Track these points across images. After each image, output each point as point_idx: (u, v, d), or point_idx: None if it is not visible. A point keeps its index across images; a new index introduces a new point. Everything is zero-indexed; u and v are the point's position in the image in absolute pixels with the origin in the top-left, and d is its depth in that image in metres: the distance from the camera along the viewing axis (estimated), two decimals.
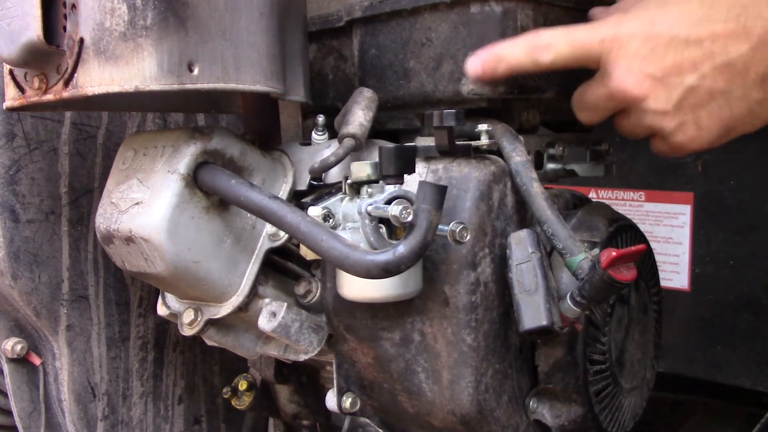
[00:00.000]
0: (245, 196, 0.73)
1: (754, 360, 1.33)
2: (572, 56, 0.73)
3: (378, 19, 0.87)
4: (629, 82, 0.71)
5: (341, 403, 0.87)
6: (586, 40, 0.73)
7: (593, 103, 0.77)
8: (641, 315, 0.93)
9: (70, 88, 0.68)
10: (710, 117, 0.70)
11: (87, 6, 0.67)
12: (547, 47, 0.74)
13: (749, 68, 0.66)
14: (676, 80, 0.69)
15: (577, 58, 0.73)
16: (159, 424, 1.11)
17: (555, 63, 0.74)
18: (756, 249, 1.32)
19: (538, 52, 0.74)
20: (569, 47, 0.73)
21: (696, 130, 0.71)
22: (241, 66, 0.73)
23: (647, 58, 0.69)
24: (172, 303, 0.88)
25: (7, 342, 0.97)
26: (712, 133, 0.71)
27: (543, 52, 0.74)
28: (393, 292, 0.73)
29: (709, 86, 0.68)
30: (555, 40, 0.74)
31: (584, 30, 0.74)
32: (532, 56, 0.74)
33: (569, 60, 0.74)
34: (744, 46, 0.65)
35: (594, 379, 0.83)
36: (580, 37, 0.73)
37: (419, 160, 0.81)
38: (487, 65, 0.76)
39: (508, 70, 0.76)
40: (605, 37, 0.72)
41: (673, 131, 0.72)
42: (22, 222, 0.91)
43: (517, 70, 0.76)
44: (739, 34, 0.65)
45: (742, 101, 0.67)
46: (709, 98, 0.68)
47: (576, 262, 0.72)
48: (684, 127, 0.71)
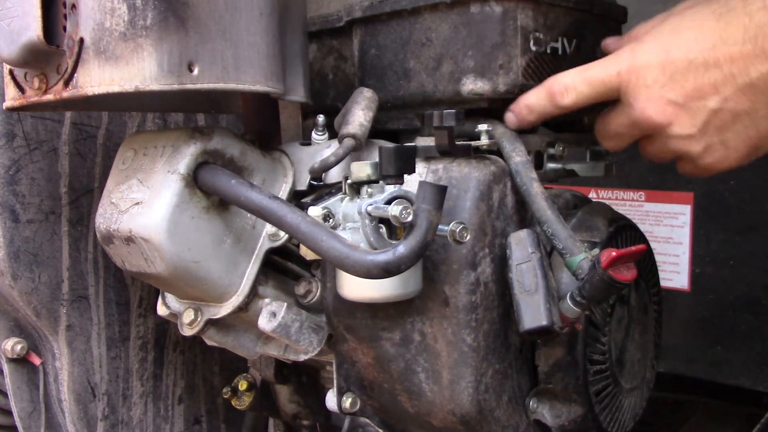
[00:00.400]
0: (245, 196, 0.73)
1: (754, 360, 1.33)
2: (592, 94, 0.75)
3: (378, 19, 0.87)
4: (652, 110, 0.71)
5: (341, 403, 0.87)
6: (604, 76, 0.74)
7: (618, 132, 0.78)
8: (641, 315, 0.93)
9: (70, 88, 0.68)
10: (737, 137, 0.70)
11: (87, 6, 0.67)
12: (566, 90, 0.76)
13: None
14: (699, 104, 0.69)
15: (597, 95, 0.75)
16: (159, 424, 1.11)
17: (577, 103, 0.76)
18: (756, 249, 1.32)
19: (558, 97, 0.76)
20: (588, 87, 0.75)
21: (724, 151, 0.72)
22: (241, 66, 0.73)
23: (667, 86, 0.70)
24: (172, 303, 0.87)
25: (7, 342, 0.97)
26: (741, 152, 0.71)
27: (563, 96, 0.76)
28: (393, 292, 0.73)
29: (733, 108, 0.68)
30: (573, 82, 0.76)
31: (600, 66, 0.75)
32: (553, 102, 0.77)
33: (590, 98, 0.76)
34: (763, 65, 0.65)
35: (594, 379, 0.83)
36: (597, 75, 0.75)
37: (419, 160, 0.81)
38: (520, 116, 0.79)
39: (538, 118, 0.79)
40: (621, 70, 0.73)
41: (701, 154, 0.73)
42: (22, 222, 0.91)
43: (545, 117, 0.79)
44: (758, 54, 0.65)
45: (767, 119, 0.68)
46: (734, 119, 0.69)
47: (576, 262, 0.72)
48: (711, 149, 0.72)
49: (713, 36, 0.68)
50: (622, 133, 0.78)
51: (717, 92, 0.68)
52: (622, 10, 0.97)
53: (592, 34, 0.91)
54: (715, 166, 0.74)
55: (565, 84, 0.76)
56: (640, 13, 1.36)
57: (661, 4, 1.36)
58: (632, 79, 0.72)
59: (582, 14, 0.88)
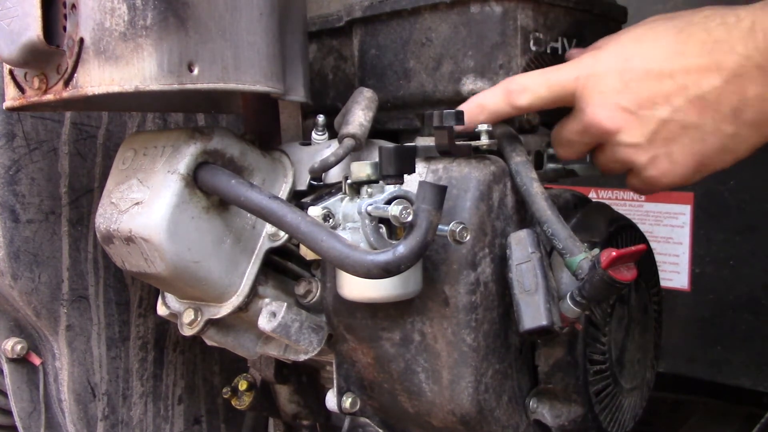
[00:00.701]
0: (245, 196, 0.73)
1: (754, 360, 1.34)
2: (549, 97, 0.74)
3: (378, 19, 0.87)
4: (602, 115, 0.71)
5: (341, 403, 0.87)
6: (562, 80, 0.74)
7: (569, 138, 0.78)
8: (641, 315, 0.93)
9: (70, 88, 0.68)
10: (683, 151, 0.69)
11: (87, 6, 0.67)
12: (523, 90, 0.75)
13: (721, 101, 0.65)
14: (649, 113, 0.69)
15: (554, 98, 0.74)
16: (159, 424, 1.11)
17: (533, 105, 0.75)
18: (756, 249, 1.32)
19: (514, 96, 0.75)
20: (545, 89, 0.74)
21: (669, 165, 0.71)
22: (241, 66, 0.73)
23: (621, 92, 0.70)
24: (172, 303, 0.88)
25: (7, 342, 0.97)
26: (686, 167, 0.70)
27: (520, 96, 0.75)
28: (393, 292, 0.73)
29: (682, 119, 0.67)
30: (530, 83, 0.75)
31: (559, 70, 0.75)
32: (509, 101, 0.75)
33: (547, 101, 0.75)
34: (716, 79, 0.65)
35: (594, 379, 0.84)
36: (555, 78, 0.74)
37: (419, 160, 0.81)
38: (470, 114, 0.77)
39: (490, 117, 0.77)
40: (580, 75, 0.72)
41: (646, 165, 0.72)
42: (22, 222, 0.91)
43: (498, 116, 0.77)
44: (712, 68, 0.65)
45: (715, 135, 0.67)
46: (681, 132, 0.68)
47: (576, 262, 0.72)
48: (657, 161, 0.71)
49: (672, 48, 0.68)
50: (573, 140, 0.77)
51: (668, 102, 0.68)
52: (622, 10, 0.98)
53: (592, 34, 0.91)
54: (659, 180, 0.73)
55: (523, 84, 0.75)
56: (640, 12, 1.36)
57: (661, 4, 1.36)
58: (588, 84, 0.71)
59: (582, 14, 0.88)
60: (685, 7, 1.19)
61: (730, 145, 0.67)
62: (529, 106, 0.75)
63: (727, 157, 0.68)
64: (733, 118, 0.65)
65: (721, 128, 0.66)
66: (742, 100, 0.64)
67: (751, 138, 0.66)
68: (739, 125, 0.66)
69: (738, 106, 0.65)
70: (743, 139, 0.66)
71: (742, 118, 0.65)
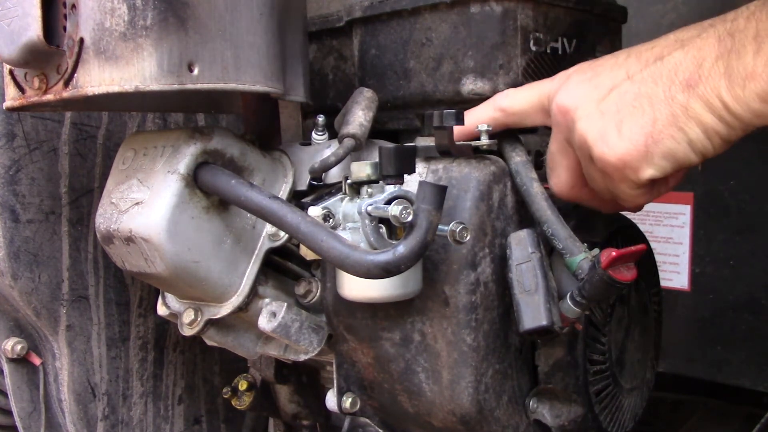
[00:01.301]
0: (245, 196, 0.73)
1: (754, 360, 1.34)
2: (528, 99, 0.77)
3: (378, 19, 0.87)
4: (564, 96, 0.72)
5: (341, 403, 0.87)
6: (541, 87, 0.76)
7: (551, 156, 0.78)
8: (641, 315, 0.93)
9: (70, 88, 0.68)
10: (633, 121, 0.66)
11: (87, 6, 0.67)
12: (506, 95, 0.78)
13: (678, 70, 0.64)
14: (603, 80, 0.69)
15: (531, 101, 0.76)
16: (159, 424, 1.11)
17: (513, 105, 0.77)
18: (756, 249, 1.32)
19: (499, 99, 0.78)
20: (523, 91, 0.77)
21: (617, 139, 0.67)
22: (241, 66, 0.73)
23: (586, 81, 0.71)
24: (172, 303, 0.88)
25: (7, 342, 0.97)
26: (634, 141, 0.66)
27: (503, 99, 0.78)
28: (393, 292, 0.73)
29: (637, 90, 0.66)
30: (514, 89, 0.79)
31: (537, 83, 0.77)
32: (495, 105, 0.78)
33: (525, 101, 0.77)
34: (678, 52, 0.64)
35: (594, 379, 0.84)
36: (534, 86, 0.77)
37: (419, 160, 0.81)
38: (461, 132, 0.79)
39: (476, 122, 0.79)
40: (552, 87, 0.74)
41: (596, 139, 0.68)
42: (22, 222, 0.91)
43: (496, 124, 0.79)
44: (675, 46, 0.65)
45: (666, 104, 0.64)
46: (634, 100, 0.66)
47: (576, 262, 0.72)
48: (605, 133, 0.67)
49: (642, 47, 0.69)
50: (554, 156, 0.77)
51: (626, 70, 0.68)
52: (622, 10, 0.98)
53: (592, 34, 0.91)
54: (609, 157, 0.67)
55: (506, 92, 0.79)
56: (640, 12, 1.36)
57: (661, 4, 1.36)
58: (559, 86, 0.73)
59: (582, 14, 0.88)
60: (685, 7, 1.19)
61: (681, 120, 0.64)
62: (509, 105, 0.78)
63: (678, 134, 0.64)
64: (687, 88, 0.63)
65: (674, 96, 0.64)
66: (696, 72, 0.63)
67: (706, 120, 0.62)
68: (691, 97, 0.63)
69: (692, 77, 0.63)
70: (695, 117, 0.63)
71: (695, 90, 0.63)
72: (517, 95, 0.78)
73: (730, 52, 0.61)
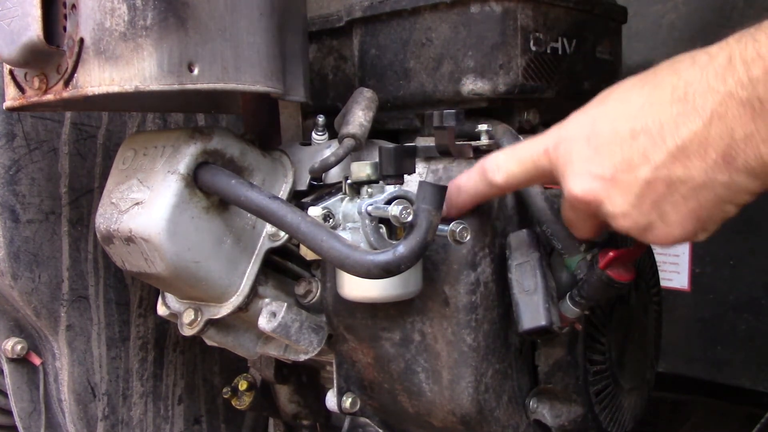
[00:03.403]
0: (245, 196, 0.73)
1: (754, 360, 1.33)
2: (522, 173, 0.69)
3: (378, 19, 0.87)
4: (578, 188, 0.63)
5: (341, 403, 0.87)
6: (532, 153, 0.68)
7: (568, 218, 0.71)
8: (641, 315, 0.93)
9: (70, 88, 0.68)
10: (676, 210, 0.60)
11: (87, 6, 0.67)
12: (497, 169, 0.70)
13: (707, 148, 0.56)
14: (629, 176, 0.61)
15: (528, 173, 0.69)
16: (159, 424, 1.11)
17: (509, 182, 0.70)
18: (756, 249, 1.32)
19: (489, 174, 0.71)
20: (517, 165, 0.69)
21: (665, 228, 0.62)
22: (241, 66, 0.73)
23: (592, 159, 0.62)
24: (172, 303, 0.88)
25: (7, 342, 0.97)
26: (685, 227, 0.61)
27: (495, 174, 0.70)
28: (393, 292, 0.73)
29: (666, 176, 0.59)
30: (503, 160, 0.70)
31: (529, 144, 0.69)
32: (486, 179, 0.71)
33: (522, 177, 0.70)
34: (695, 124, 0.56)
35: (594, 379, 0.84)
36: (525, 153, 0.69)
37: (419, 160, 0.81)
38: (449, 197, 0.73)
39: (469, 199, 0.73)
40: (548, 146, 0.66)
41: (643, 232, 0.63)
42: (22, 222, 0.91)
43: (478, 197, 0.73)
44: (688, 113, 0.57)
45: (707, 188, 0.58)
46: (669, 190, 0.59)
47: (575, 262, 0.72)
48: (651, 227, 0.62)
49: (639, 101, 0.60)
50: (573, 219, 0.70)
51: (647, 160, 0.59)
52: (622, 10, 0.98)
53: (592, 34, 0.91)
54: (663, 243, 0.63)
55: (496, 162, 0.71)
56: (640, 13, 1.36)
57: (661, 4, 1.36)
58: (559, 156, 0.65)
59: (582, 14, 0.88)
60: (685, 7, 1.18)
61: (727, 196, 0.58)
62: (506, 184, 0.70)
63: (728, 207, 0.59)
64: (725, 165, 0.56)
65: (714, 179, 0.57)
66: (730, 144, 0.55)
67: (751, 185, 0.57)
68: (732, 172, 0.56)
69: (727, 151, 0.56)
70: (741, 188, 0.57)
71: (735, 164, 0.56)
72: (509, 167, 0.70)
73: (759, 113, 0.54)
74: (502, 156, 0.71)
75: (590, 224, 0.69)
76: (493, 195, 0.74)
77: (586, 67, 0.90)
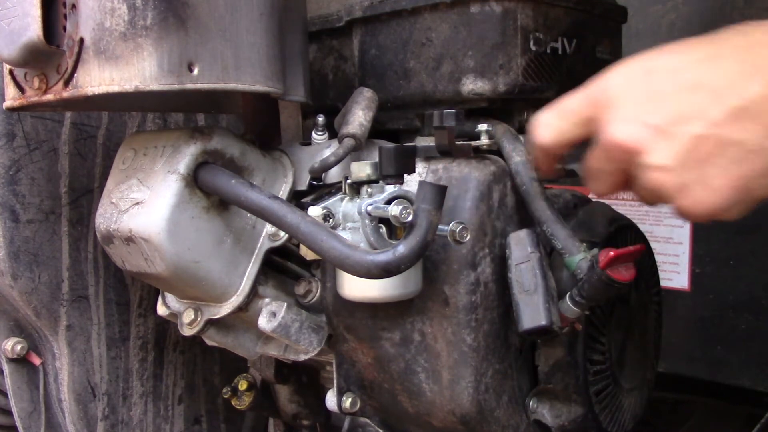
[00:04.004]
0: (245, 196, 0.73)
1: (754, 360, 1.33)
2: (569, 127, 0.66)
3: (378, 19, 0.87)
4: (622, 132, 0.60)
5: (341, 403, 0.87)
6: (575, 104, 0.65)
7: (595, 167, 0.66)
8: (641, 315, 0.93)
9: (70, 88, 0.68)
10: (721, 174, 0.57)
11: (87, 6, 0.67)
12: (544, 126, 0.68)
13: (766, 112, 0.55)
14: (680, 129, 0.57)
15: (574, 127, 0.66)
16: (159, 424, 1.11)
17: (558, 139, 0.67)
18: (756, 249, 1.32)
19: (539, 136, 0.69)
20: (561, 119, 0.67)
21: (704, 192, 0.58)
22: (241, 66, 0.73)
23: (644, 105, 0.59)
24: (172, 303, 0.88)
25: (7, 342, 0.97)
26: (725, 195, 0.58)
27: (542, 133, 0.68)
28: (393, 292, 0.73)
29: (719, 135, 0.56)
30: (548, 117, 0.68)
31: (573, 95, 0.66)
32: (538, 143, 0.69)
33: (568, 132, 0.66)
34: (759, 85, 0.54)
35: (594, 379, 0.83)
36: (568, 104, 0.66)
37: (419, 160, 0.81)
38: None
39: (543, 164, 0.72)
40: (595, 93, 0.63)
41: (678, 193, 0.59)
42: (22, 222, 0.91)
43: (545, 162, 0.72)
44: (753, 73, 0.55)
45: (759, 153, 0.55)
46: (719, 150, 0.56)
47: (575, 262, 0.72)
48: (690, 188, 0.58)
49: (701, 55, 0.58)
50: (599, 169, 0.65)
51: (702, 115, 0.57)
52: (622, 10, 0.98)
53: (592, 34, 0.91)
54: (694, 211, 0.60)
55: (542, 120, 0.68)
56: (640, 12, 1.36)
57: (661, 4, 1.36)
58: (607, 100, 0.62)
59: (582, 14, 0.88)
60: (685, 7, 1.19)
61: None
62: (554, 141, 0.68)
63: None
64: None
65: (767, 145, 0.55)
66: None
67: None
68: None
69: None
70: None
71: None
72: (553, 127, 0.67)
73: None
74: (546, 113, 0.68)
75: (616, 178, 0.65)
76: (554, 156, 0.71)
77: (586, 67, 0.90)
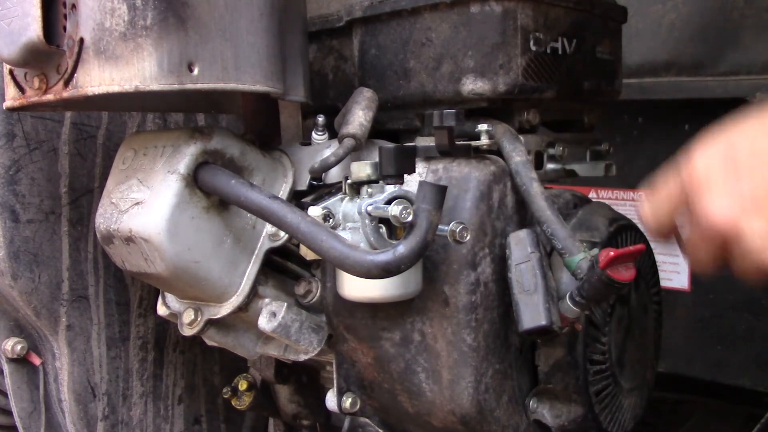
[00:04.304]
0: (245, 196, 0.73)
1: (754, 360, 1.33)
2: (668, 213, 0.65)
3: (378, 19, 0.87)
4: (713, 210, 0.58)
5: (341, 403, 0.87)
6: (667, 193, 0.65)
7: (693, 243, 0.64)
8: (641, 315, 0.93)
9: (70, 88, 0.68)
10: None
11: (87, 6, 0.67)
12: (647, 218, 0.67)
13: None
14: None
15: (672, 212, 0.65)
16: (159, 424, 1.11)
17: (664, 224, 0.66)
18: None
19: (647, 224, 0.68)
20: (657, 210, 0.66)
21: None
22: (241, 66, 0.73)
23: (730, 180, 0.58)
24: (172, 303, 0.88)
25: (7, 342, 0.97)
26: None
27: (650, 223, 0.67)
28: (393, 292, 0.73)
29: None
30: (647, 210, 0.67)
31: (663, 182, 0.65)
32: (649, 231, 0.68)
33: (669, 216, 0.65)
34: None
35: (594, 379, 0.83)
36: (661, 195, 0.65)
37: (419, 160, 0.81)
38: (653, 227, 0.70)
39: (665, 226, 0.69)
40: (682, 170, 0.62)
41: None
42: (22, 222, 0.91)
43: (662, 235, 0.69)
44: None
45: None
46: None
47: (575, 262, 0.72)
48: None
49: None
50: (698, 245, 0.63)
51: None
52: (622, 10, 0.98)
53: (592, 34, 0.91)
54: None
55: (643, 213, 0.68)
56: (640, 12, 1.36)
57: (661, 4, 1.36)
58: (693, 179, 0.60)
59: (582, 14, 0.88)
60: (685, 7, 1.19)
61: None
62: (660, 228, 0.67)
63: None
64: None
65: None
66: None
67: None
68: None
69: None
70: None
71: None
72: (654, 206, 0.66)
73: None
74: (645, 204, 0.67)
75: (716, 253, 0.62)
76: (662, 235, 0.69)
77: (586, 67, 0.90)
